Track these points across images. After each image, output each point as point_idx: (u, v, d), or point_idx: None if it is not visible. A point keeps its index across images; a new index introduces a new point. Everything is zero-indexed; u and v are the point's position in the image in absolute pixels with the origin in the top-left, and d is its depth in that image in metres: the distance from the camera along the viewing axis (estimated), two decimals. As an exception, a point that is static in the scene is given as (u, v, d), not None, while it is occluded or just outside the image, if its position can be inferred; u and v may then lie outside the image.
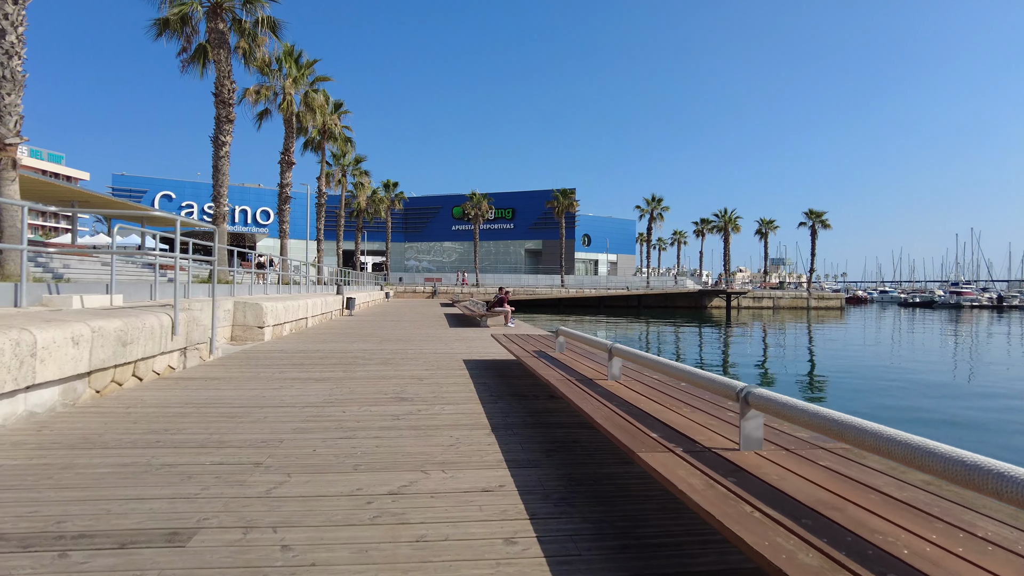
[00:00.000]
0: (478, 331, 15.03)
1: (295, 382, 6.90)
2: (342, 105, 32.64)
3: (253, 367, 8.10)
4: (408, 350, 10.47)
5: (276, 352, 9.88)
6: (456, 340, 12.51)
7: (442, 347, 11.04)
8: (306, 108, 25.18)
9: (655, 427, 3.23)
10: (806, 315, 58.46)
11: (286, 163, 24.72)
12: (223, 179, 16.86)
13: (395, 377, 7.35)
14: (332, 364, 8.48)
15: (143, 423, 4.77)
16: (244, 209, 66.15)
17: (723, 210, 71.22)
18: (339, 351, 10.14)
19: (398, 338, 12.79)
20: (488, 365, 8.58)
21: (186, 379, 6.98)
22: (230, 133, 16.90)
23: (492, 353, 10.07)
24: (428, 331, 14.94)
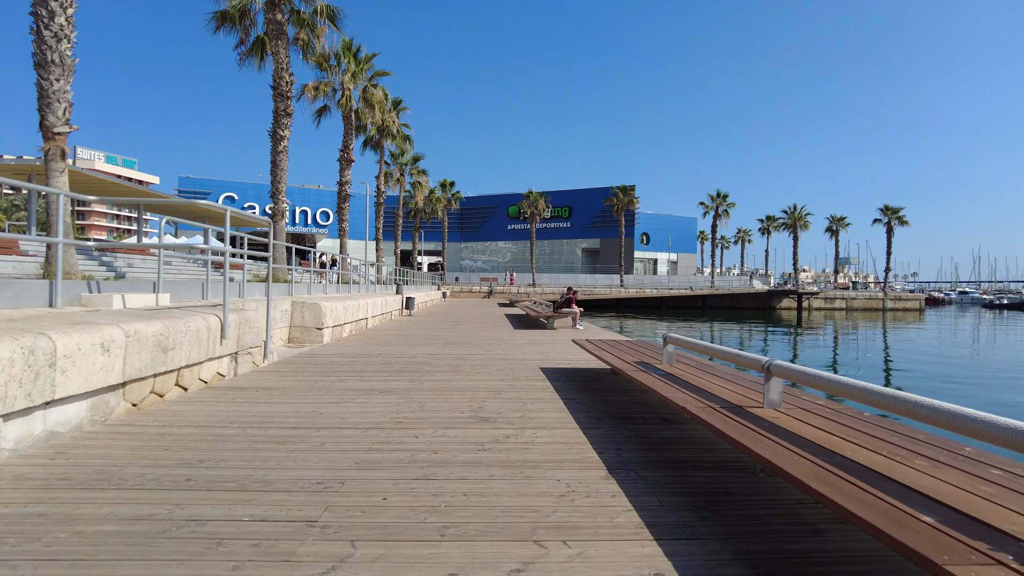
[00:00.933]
0: (546, 334, 13.95)
1: (357, 394, 5.99)
2: (400, 102, 32.18)
3: (310, 374, 7.27)
4: (476, 355, 9.48)
5: (335, 356, 9.07)
6: (525, 344, 11.47)
7: (513, 352, 10.01)
8: (365, 104, 24.69)
9: (910, 498, 2.06)
10: (881, 317, 54.92)
11: (345, 160, 24.29)
12: (281, 175, 16.37)
13: (468, 389, 6.35)
14: (396, 371, 7.57)
15: (176, 450, 3.90)
16: (304, 210, 67.25)
17: (792, 206, 67.77)
18: (402, 356, 9.25)
19: (462, 341, 11.84)
20: (571, 376, 7.48)
21: (235, 389, 6.17)
22: (288, 127, 16.39)
23: (571, 360, 8.97)
24: (492, 333, 13.97)
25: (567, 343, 11.59)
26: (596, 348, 7.33)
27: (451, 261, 73.35)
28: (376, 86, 25.05)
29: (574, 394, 6.14)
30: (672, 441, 4.33)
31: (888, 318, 53.77)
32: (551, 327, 15.38)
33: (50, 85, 7.89)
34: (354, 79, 23.75)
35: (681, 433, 4.56)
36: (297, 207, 67.12)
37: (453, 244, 75.11)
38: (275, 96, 16.31)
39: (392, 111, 31.33)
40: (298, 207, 67.02)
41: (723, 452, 4.03)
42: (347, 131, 24.38)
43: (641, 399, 5.91)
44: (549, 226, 71.65)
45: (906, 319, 53.52)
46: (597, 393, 6.22)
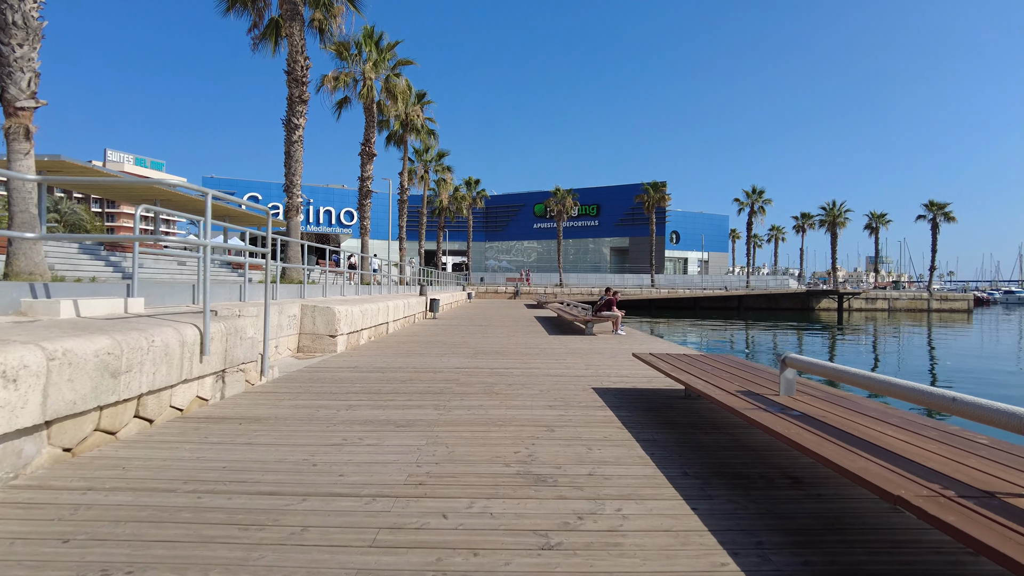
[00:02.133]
0: (586, 341, 12.47)
1: (366, 429, 4.61)
2: (425, 95, 30.88)
3: (313, 397, 5.92)
4: (512, 369, 8.06)
5: (347, 371, 7.73)
6: (566, 354, 10.01)
7: (555, 365, 8.56)
8: (387, 95, 23.43)
9: None
10: (927, 318, 52.20)
11: (367, 155, 23.07)
12: (296, 166, 15.14)
13: (510, 422, 4.92)
14: (418, 393, 6.18)
15: (78, 543, 2.54)
16: (328, 210, 66.61)
17: (831, 203, 65.08)
18: (426, 370, 7.87)
19: (494, 350, 10.43)
20: (634, 400, 6.02)
21: (214, 420, 4.84)
22: (303, 115, 15.16)
23: (626, 376, 7.50)
24: (526, 339, 12.54)
25: (615, 353, 10.11)
26: (672, 367, 5.83)
27: (476, 261, 72.10)
28: (399, 75, 23.77)
29: (651, 431, 4.68)
30: (833, 523, 2.85)
31: (934, 319, 51.07)
32: (590, 332, 13.89)
33: (11, 52, 6.67)
34: (376, 68, 22.51)
35: (838, 507, 3.08)
36: (321, 207, 66.51)
37: (478, 244, 73.86)
38: (289, 82, 15.08)
39: (416, 104, 30.09)
40: (322, 207, 66.40)
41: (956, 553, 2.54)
42: (369, 124, 23.15)
43: (745, 439, 4.43)
44: (576, 225, 69.91)
45: (953, 320, 50.77)
46: (680, 429, 4.75)
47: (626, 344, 11.79)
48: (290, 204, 15.27)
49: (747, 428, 4.72)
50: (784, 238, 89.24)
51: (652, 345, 11.59)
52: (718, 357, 6.56)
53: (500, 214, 76.08)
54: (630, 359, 9.29)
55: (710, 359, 6.45)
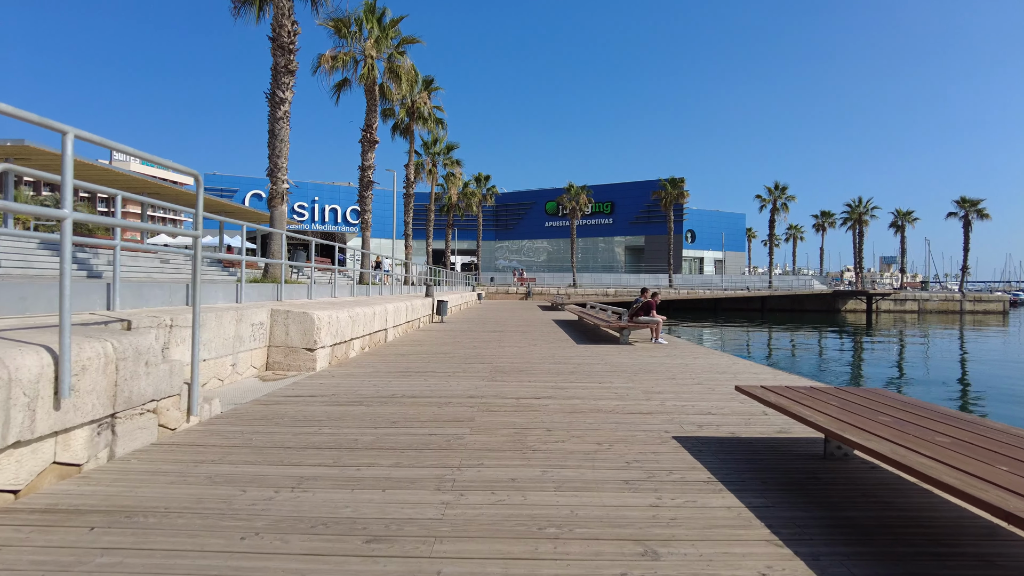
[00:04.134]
0: (627, 353, 10.32)
1: (311, 543, 2.48)
2: (433, 81, 28.69)
3: (252, 456, 3.84)
4: (546, 399, 5.92)
5: (320, 402, 5.62)
6: (610, 372, 7.85)
7: (601, 392, 6.41)
8: (391, 75, 21.30)
9: None
10: (959, 320, 49.61)
11: (368, 141, 20.97)
12: (281, 147, 13.03)
13: (569, 527, 2.78)
14: (413, 449, 4.06)
15: None
16: (334, 208, 64.67)
17: (856, 199, 62.38)
18: (428, 400, 5.74)
19: (516, 367, 8.30)
20: (751, 459, 3.89)
21: (52, 520, 2.74)
22: (290, 88, 13.08)
23: (714, 414, 5.34)
24: (552, 350, 10.39)
25: (671, 372, 7.95)
26: (823, 416, 3.60)
27: (485, 260, 69.95)
28: (403, 54, 21.62)
29: (820, 538, 2.53)
30: None
31: (967, 321, 48.48)
32: (625, 342, 11.72)
33: None
34: (377, 46, 20.40)
35: None
36: (327, 205, 64.57)
37: (487, 243, 71.73)
38: (274, 49, 13.00)
39: (423, 91, 27.96)
40: (327, 205, 64.45)
41: None
42: (370, 107, 21.05)
43: None
44: (590, 223, 67.50)
45: (987, 322, 48.18)
46: (868, 537, 2.59)
47: (678, 357, 9.62)
48: (274, 191, 13.15)
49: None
50: (803, 237, 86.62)
51: (713, 360, 9.40)
52: (876, 394, 4.35)
53: (511, 212, 73.86)
54: (696, 382, 7.13)
55: (866, 397, 4.24)
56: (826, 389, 4.63)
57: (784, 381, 7.04)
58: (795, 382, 6.87)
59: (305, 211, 63.85)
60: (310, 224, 63.15)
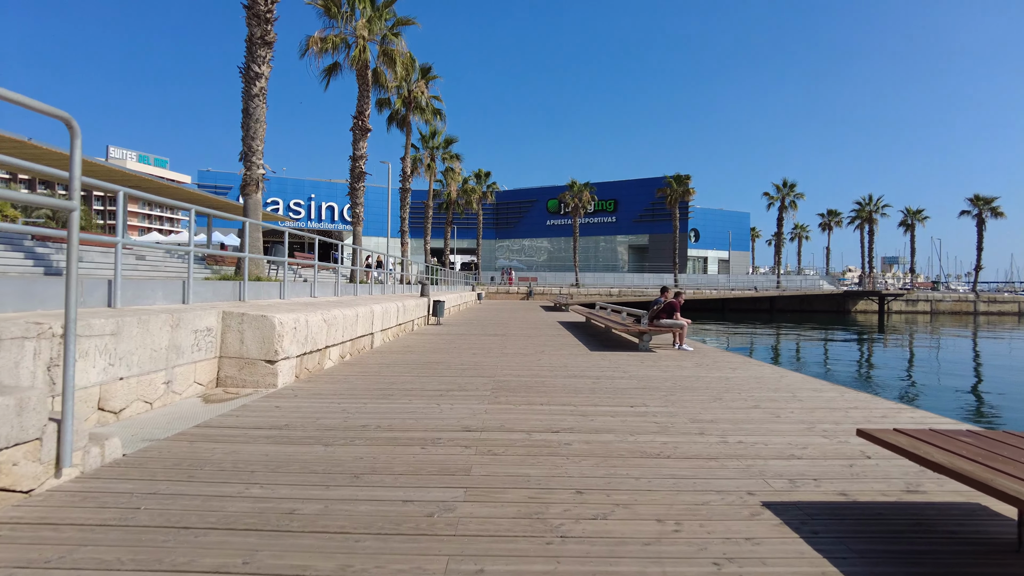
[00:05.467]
0: (654, 363, 8.88)
1: None
2: (430, 69, 27.17)
3: (120, 551, 2.39)
4: (568, 435, 4.47)
5: (263, 438, 4.18)
6: (642, 391, 6.41)
7: (640, 423, 4.96)
8: (384, 59, 19.88)
9: None
10: (973, 321, 48.21)
11: (360, 129, 19.51)
12: (256, 128, 11.55)
13: None
14: (378, 532, 2.62)
15: None
16: (331, 206, 63.21)
17: (866, 197, 60.88)
18: (410, 437, 4.30)
19: (524, 383, 6.85)
20: (898, 549, 2.45)
21: None
22: (267, 62, 11.63)
23: (805, 459, 3.90)
24: (564, 359, 8.95)
25: (715, 389, 6.49)
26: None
27: (485, 259, 68.45)
28: (398, 36, 20.17)
29: None
30: None
31: (981, 322, 47.08)
32: (645, 348, 10.28)
33: None
34: (370, 27, 18.95)
35: None
36: (323, 202, 63.12)
37: (487, 241, 70.25)
38: (249, 19, 11.54)
39: (420, 80, 26.52)
40: (324, 203, 62.99)
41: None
42: (362, 93, 19.58)
43: None
44: (592, 221, 65.97)
45: (1003, 324, 46.77)
46: None
47: (713, 368, 8.17)
48: (247, 177, 11.67)
49: None
50: (808, 236, 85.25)
51: (755, 372, 7.90)
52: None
53: (511, 210, 72.37)
54: (751, 403, 5.69)
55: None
56: (988, 435, 3.18)
57: (870, 409, 5.62)
58: (903, 415, 5.44)
59: (301, 208, 62.46)
60: (306, 222, 61.74)
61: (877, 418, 5.13)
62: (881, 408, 5.57)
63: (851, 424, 4.84)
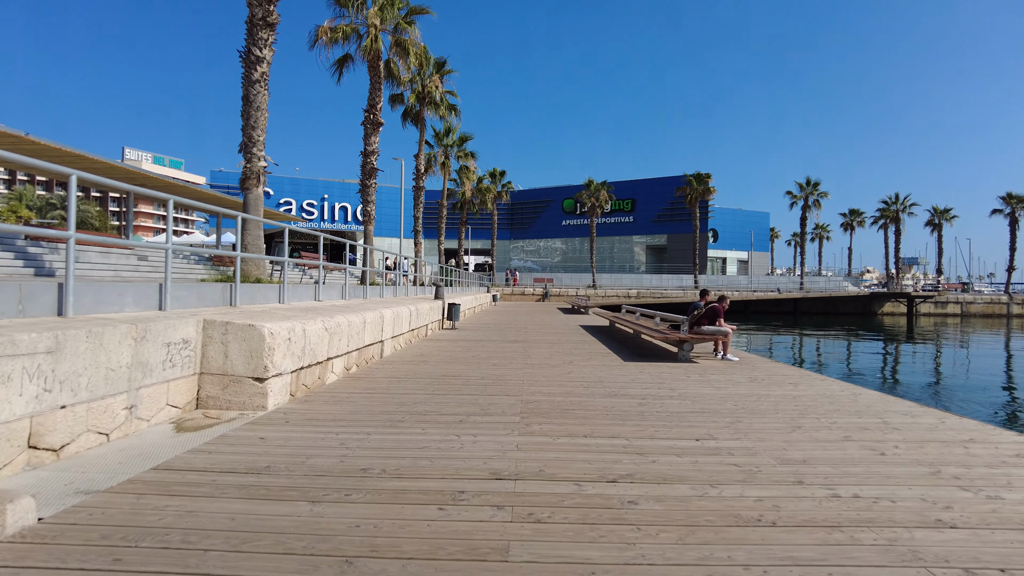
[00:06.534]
0: (699, 376, 7.83)
1: None
2: (445, 63, 26.22)
3: None
4: (629, 487, 3.45)
5: (234, 491, 3.21)
6: (700, 415, 5.37)
7: (718, 468, 3.92)
8: (397, 50, 18.97)
9: None
10: (1006, 324, 46.45)
11: (372, 123, 18.61)
12: (257, 116, 10.64)
13: None
14: None
15: None
16: (344, 206, 62.47)
17: (892, 196, 59.06)
18: (423, 488, 3.31)
19: (556, 402, 5.84)
20: None
21: None
22: (269, 45, 10.72)
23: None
24: (597, 372, 7.92)
25: (783, 412, 5.43)
26: None
27: (500, 260, 67.39)
28: (411, 24, 19.23)
29: None
30: None
31: (1015, 325, 45.32)
32: (686, 359, 9.23)
33: None
34: (382, 15, 18.04)
35: None
36: (336, 203, 62.39)
37: (502, 242, 69.19)
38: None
39: (435, 75, 25.59)
40: (337, 203, 62.27)
41: None
42: (374, 85, 18.67)
43: None
44: (609, 221, 64.68)
45: (1037, 327, 45.01)
46: None
47: (770, 384, 7.10)
48: (247, 169, 10.75)
49: None
50: (829, 237, 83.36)
51: (820, 388, 6.77)
52: None
53: (526, 210, 71.27)
54: (841, 434, 4.63)
55: None
56: None
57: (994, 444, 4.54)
58: None
59: (314, 209, 61.85)
60: (319, 222, 61.12)
61: (1010, 457, 4.06)
62: (1007, 442, 4.49)
63: (984, 467, 3.79)
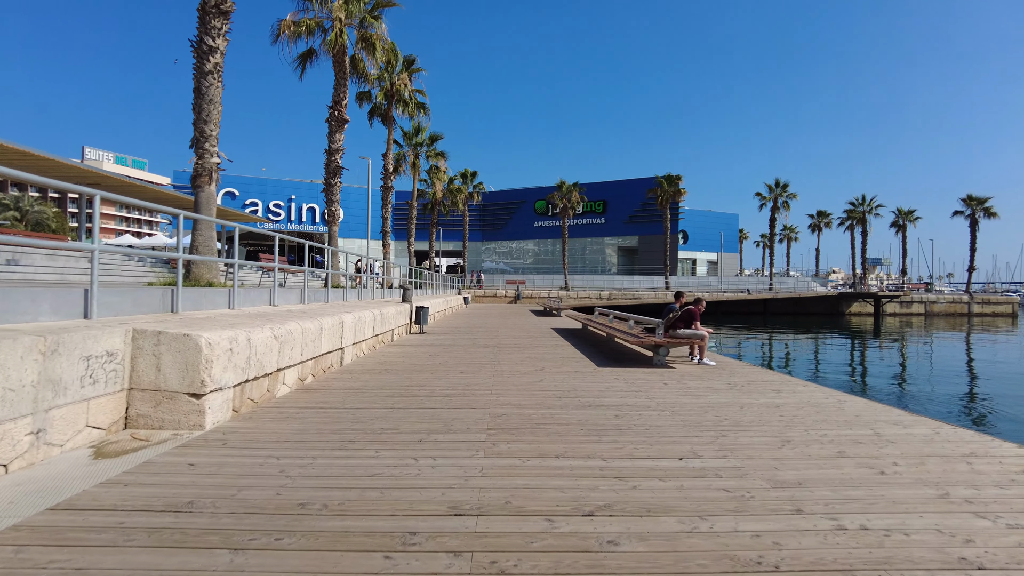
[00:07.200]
0: (676, 382, 7.48)
1: None
2: (415, 61, 25.66)
3: None
4: (608, 522, 3.02)
5: (140, 539, 2.68)
6: (681, 429, 4.98)
7: (707, 495, 3.48)
8: (363, 44, 18.35)
9: None
10: (967, 322, 47.61)
11: (336, 120, 17.96)
12: (210, 110, 9.96)
13: None
14: None
15: None
16: (311, 207, 61.19)
17: (859, 197, 60.12)
18: (368, 529, 2.82)
19: (527, 415, 5.41)
20: None
21: None
22: (223, 34, 10.07)
23: None
24: (570, 380, 7.51)
25: (768, 423, 5.08)
26: None
27: (472, 262, 66.82)
28: (378, 19, 18.63)
29: None
30: None
31: (976, 324, 46.47)
32: (661, 363, 8.89)
33: None
34: (347, 8, 17.42)
35: None
36: (304, 204, 61.10)
37: (474, 243, 68.65)
38: (202, -17, 10.02)
39: (404, 72, 25.01)
40: (304, 204, 60.99)
41: None
42: (339, 81, 18.02)
43: None
44: (580, 223, 64.65)
45: (996, 325, 46.21)
46: None
47: (751, 391, 6.78)
48: (199, 166, 10.06)
49: None
50: (797, 238, 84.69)
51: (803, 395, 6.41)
52: None
53: (498, 211, 70.83)
54: (834, 450, 4.29)
55: None
56: None
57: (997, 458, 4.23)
58: None
59: (281, 210, 60.52)
60: (286, 224, 59.81)
61: (1017, 474, 3.75)
62: (1010, 455, 4.19)
63: (994, 488, 3.46)
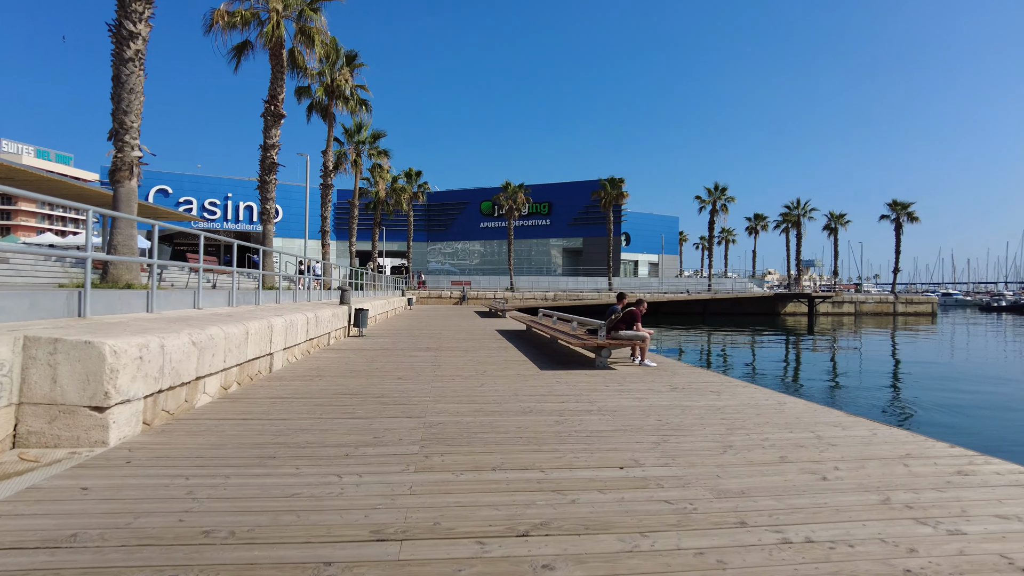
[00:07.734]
0: (618, 384, 7.40)
1: None
2: (357, 57, 25.00)
3: None
4: (546, 549, 2.85)
5: (7, 580, 2.33)
6: (622, 434, 4.86)
7: (650, 509, 3.33)
8: (302, 37, 17.71)
9: None
10: (892, 321, 50.25)
11: (272, 115, 17.22)
12: (131, 100, 9.26)
13: None
14: None
15: None
16: (249, 205, 59.01)
17: (795, 201, 62.60)
18: (282, 563, 2.53)
19: (464, 424, 5.19)
20: None
21: None
22: (145, 20, 9.38)
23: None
24: (513, 384, 7.33)
25: (709, 427, 5.02)
26: None
27: (417, 263, 66.07)
28: (318, 12, 18.01)
29: None
30: None
31: (900, 323, 49.09)
32: (603, 365, 8.83)
33: None
34: (285, 0, 16.75)
35: None
36: (241, 202, 58.89)
37: (419, 244, 67.88)
38: (119, -37, 9.34)
39: (345, 67, 24.34)
40: (242, 202, 58.80)
41: None
42: (276, 74, 17.31)
43: None
44: (527, 224, 64.88)
45: (918, 323, 48.92)
46: None
47: (692, 393, 6.76)
48: (119, 160, 9.35)
49: None
50: (735, 240, 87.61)
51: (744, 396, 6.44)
52: None
53: (444, 212, 70.28)
54: (777, 455, 4.25)
55: None
56: None
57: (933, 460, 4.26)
58: (984, 469, 4.08)
59: (217, 209, 58.20)
60: (222, 223, 57.55)
61: (952, 476, 3.78)
62: (945, 456, 4.25)
63: (932, 491, 3.47)
